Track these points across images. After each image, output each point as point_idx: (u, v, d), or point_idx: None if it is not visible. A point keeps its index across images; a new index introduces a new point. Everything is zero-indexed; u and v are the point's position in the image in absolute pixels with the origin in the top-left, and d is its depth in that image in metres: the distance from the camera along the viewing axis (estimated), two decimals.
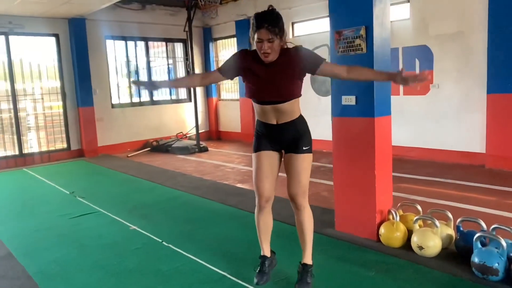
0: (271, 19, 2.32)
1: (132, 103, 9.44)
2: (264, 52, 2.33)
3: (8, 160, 7.75)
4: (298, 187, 2.59)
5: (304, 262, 2.71)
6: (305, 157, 2.60)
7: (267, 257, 2.75)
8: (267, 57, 2.36)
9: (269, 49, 2.32)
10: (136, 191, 5.63)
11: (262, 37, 2.30)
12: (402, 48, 6.83)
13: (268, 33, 2.29)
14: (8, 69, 7.67)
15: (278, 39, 2.34)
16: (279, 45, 2.37)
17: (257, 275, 2.70)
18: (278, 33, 2.33)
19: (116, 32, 8.91)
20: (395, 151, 7.03)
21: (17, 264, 3.30)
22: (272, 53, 2.35)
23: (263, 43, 2.31)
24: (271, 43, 2.31)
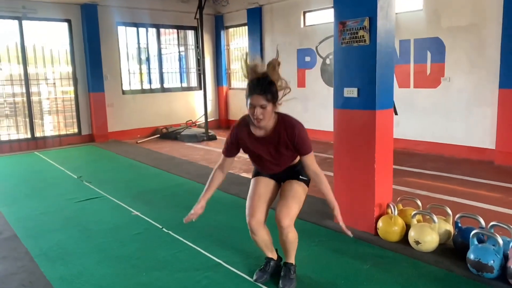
0: (264, 86, 2.32)
1: (142, 90, 9.51)
2: (257, 117, 2.35)
3: (21, 143, 7.91)
4: (285, 210, 2.51)
5: (286, 261, 2.72)
6: (300, 184, 2.62)
7: (273, 259, 2.79)
8: (259, 123, 2.37)
9: (261, 115, 2.33)
10: (142, 177, 5.70)
11: (254, 103, 2.32)
12: (413, 39, 6.71)
13: (260, 99, 2.30)
14: (21, 54, 7.78)
15: (271, 105, 2.34)
16: (272, 111, 2.38)
17: (258, 272, 2.76)
18: (271, 99, 2.33)
19: (127, 18, 8.94)
20: (403, 144, 7.02)
21: (20, 246, 3.40)
22: (265, 119, 2.36)
23: (255, 108, 2.33)
24: (263, 109, 2.32)
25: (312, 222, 3.74)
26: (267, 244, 2.71)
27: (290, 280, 2.65)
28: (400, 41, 6.88)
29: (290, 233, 2.54)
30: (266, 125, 2.42)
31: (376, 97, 3.23)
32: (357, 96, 3.34)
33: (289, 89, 2.46)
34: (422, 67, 6.66)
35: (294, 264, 2.71)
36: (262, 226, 2.60)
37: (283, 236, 2.56)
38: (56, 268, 2.99)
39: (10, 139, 7.82)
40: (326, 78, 8.05)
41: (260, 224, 2.58)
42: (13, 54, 7.75)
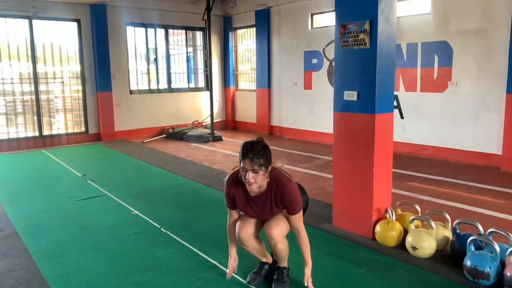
0: (257, 151, 2.31)
1: (150, 90, 9.57)
2: (248, 181, 2.34)
3: (28, 141, 8.01)
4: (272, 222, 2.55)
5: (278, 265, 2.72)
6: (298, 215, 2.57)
7: (269, 263, 2.80)
8: (251, 186, 2.37)
9: (253, 179, 2.32)
10: (145, 176, 5.74)
11: (246, 167, 2.32)
12: (421, 43, 6.65)
13: (252, 164, 2.30)
14: (31, 52, 7.89)
15: (263, 170, 2.34)
16: (264, 176, 2.38)
17: (251, 274, 2.77)
18: (263, 164, 2.32)
19: (136, 18, 9.02)
20: (409, 149, 6.96)
21: (20, 243, 3.44)
22: (256, 183, 2.35)
23: (247, 172, 2.32)
24: (255, 174, 2.32)
25: (309, 225, 3.71)
26: (259, 251, 2.73)
27: (283, 284, 2.65)
28: (407, 45, 6.83)
29: (279, 243, 2.55)
30: (260, 186, 2.41)
31: (376, 101, 3.21)
32: (356, 100, 3.32)
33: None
34: (429, 71, 6.60)
35: (287, 267, 2.72)
36: (252, 237, 2.63)
37: (272, 245, 2.58)
38: (53, 266, 3.02)
39: (18, 137, 7.93)
40: (333, 81, 8.01)
41: (250, 236, 2.61)
42: (22, 53, 7.86)
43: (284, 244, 2.60)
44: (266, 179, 2.41)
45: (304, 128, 8.80)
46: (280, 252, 2.61)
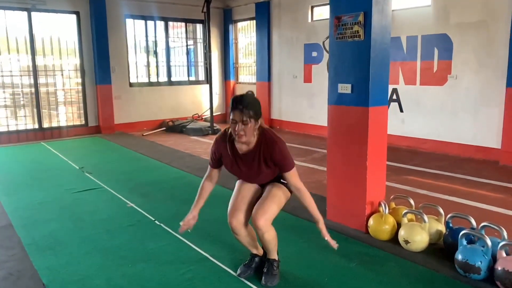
0: (247, 102, 2.32)
1: (150, 83, 9.56)
2: (238, 133, 2.33)
3: (28, 133, 8.03)
4: (260, 209, 2.50)
5: (268, 257, 2.70)
6: (281, 186, 2.58)
7: (259, 255, 2.79)
8: (240, 138, 2.36)
9: (242, 131, 2.31)
10: (142, 169, 5.74)
11: (235, 118, 2.31)
12: (421, 36, 6.59)
13: (242, 114, 2.29)
14: (30, 45, 7.88)
15: (253, 122, 2.32)
16: (253, 128, 2.36)
17: (242, 267, 2.76)
18: (253, 116, 2.31)
19: (136, 11, 8.98)
20: (408, 142, 6.93)
21: (14, 235, 3.45)
22: (246, 135, 2.34)
23: (237, 124, 2.31)
24: (244, 125, 2.30)
25: (304, 219, 3.71)
26: (250, 242, 2.72)
27: (273, 276, 2.64)
28: (407, 37, 6.77)
29: (266, 233, 2.51)
30: (248, 141, 2.40)
31: (370, 94, 3.18)
32: (351, 92, 3.29)
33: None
34: (429, 64, 6.54)
35: (277, 260, 2.70)
36: (243, 226, 2.61)
37: (259, 236, 2.56)
38: (45, 257, 3.03)
39: (18, 129, 7.95)
40: None
41: (241, 225, 2.59)
42: (22, 46, 7.85)
43: (271, 233, 2.56)
44: (255, 135, 2.40)
45: (303, 121, 8.77)
46: (268, 243, 2.59)
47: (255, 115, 2.32)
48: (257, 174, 2.51)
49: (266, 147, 2.41)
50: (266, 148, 2.41)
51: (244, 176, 2.59)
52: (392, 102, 7.14)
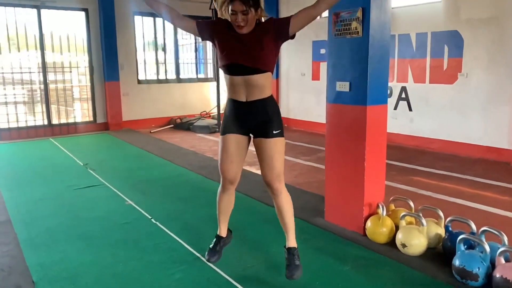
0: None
1: (158, 80, 9.57)
2: (238, 24, 2.29)
3: (37, 129, 8.12)
4: (272, 173, 2.50)
5: (289, 246, 2.62)
6: (276, 141, 2.49)
7: (223, 237, 2.76)
8: (241, 29, 2.32)
9: (243, 22, 2.27)
10: (145, 166, 5.74)
11: (235, 9, 2.25)
12: (431, 33, 6.43)
13: (242, 4, 2.24)
14: (39, 42, 7.95)
15: (253, 11, 2.28)
16: (254, 18, 2.31)
17: (209, 252, 2.72)
18: (253, 5, 2.27)
19: (144, 8, 8.95)
20: (416, 142, 6.78)
21: (11, 231, 3.46)
22: (247, 25, 2.31)
23: (237, 15, 2.26)
24: (245, 15, 2.26)
25: (301, 219, 3.64)
26: (228, 209, 2.72)
27: (296, 267, 2.54)
28: (416, 34, 6.62)
29: (283, 193, 2.53)
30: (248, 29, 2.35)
31: (368, 92, 3.09)
32: (349, 90, 3.21)
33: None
34: (439, 62, 6.38)
35: (296, 247, 2.61)
36: (234, 186, 2.64)
37: (278, 199, 2.54)
38: (38, 254, 3.03)
39: (27, 125, 8.04)
40: None
41: (234, 185, 2.63)
42: (31, 42, 7.93)
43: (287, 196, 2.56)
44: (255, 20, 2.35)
45: (311, 119, 8.67)
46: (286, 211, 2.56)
47: (254, 4, 2.28)
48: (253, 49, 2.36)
49: (264, 23, 2.39)
50: (264, 24, 2.39)
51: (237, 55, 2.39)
52: (401, 100, 7.00)
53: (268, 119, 2.48)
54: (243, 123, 2.53)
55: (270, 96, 2.51)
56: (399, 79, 6.98)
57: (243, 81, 2.41)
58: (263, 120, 2.48)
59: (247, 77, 2.39)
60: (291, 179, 5.10)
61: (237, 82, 2.43)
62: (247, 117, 2.50)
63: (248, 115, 2.50)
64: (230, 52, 2.39)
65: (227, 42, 2.40)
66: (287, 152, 6.58)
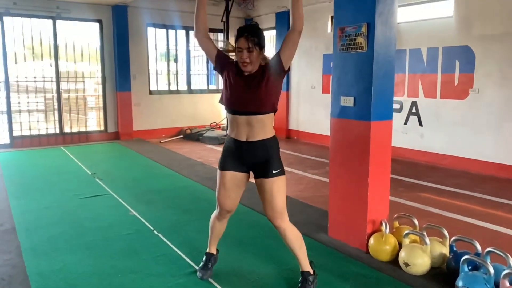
0: (252, 30, 2.38)
1: (169, 91, 9.66)
2: (243, 61, 2.36)
3: (49, 137, 8.25)
4: (273, 211, 2.52)
5: (302, 270, 2.65)
6: (276, 180, 2.50)
7: (213, 255, 2.86)
8: (245, 67, 2.38)
9: (248, 59, 2.34)
10: (152, 177, 5.76)
11: (241, 46, 2.35)
12: (442, 48, 6.37)
13: (247, 42, 2.33)
14: (54, 52, 8.12)
15: (257, 50, 2.36)
16: (258, 57, 2.39)
17: (201, 270, 2.82)
18: (258, 43, 2.36)
19: (157, 20, 9.12)
20: (427, 158, 6.69)
21: (14, 239, 3.49)
22: (251, 64, 2.37)
23: (242, 52, 2.35)
24: (250, 53, 2.34)
25: (304, 234, 3.58)
26: (220, 233, 2.82)
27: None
28: (428, 49, 6.57)
29: (287, 229, 2.54)
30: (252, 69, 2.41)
31: (372, 108, 3.06)
32: (353, 106, 3.18)
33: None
34: (450, 77, 6.31)
35: (311, 273, 2.63)
36: (230, 215, 2.71)
37: (283, 236, 2.57)
38: (39, 263, 3.04)
39: (39, 134, 8.17)
40: None
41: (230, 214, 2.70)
42: (45, 52, 8.10)
43: (293, 231, 2.56)
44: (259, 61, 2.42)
45: (321, 132, 8.62)
46: (292, 242, 2.56)
47: (259, 43, 2.36)
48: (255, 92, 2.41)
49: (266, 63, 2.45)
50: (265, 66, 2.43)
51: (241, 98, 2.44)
52: (412, 115, 6.93)
53: (268, 158, 2.51)
54: (242, 161, 2.55)
55: (272, 136, 2.55)
56: (410, 94, 6.92)
57: (246, 121, 2.46)
58: (263, 160, 2.51)
59: (250, 117, 2.44)
60: (296, 192, 5.07)
61: (240, 121, 2.48)
62: (247, 157, 2.53)
63: (247, 155, 2.52)
64: (235, 97, 2.46)
65: (234, 85, 2.46)
66: (295, 165, 6.59)
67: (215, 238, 2.83)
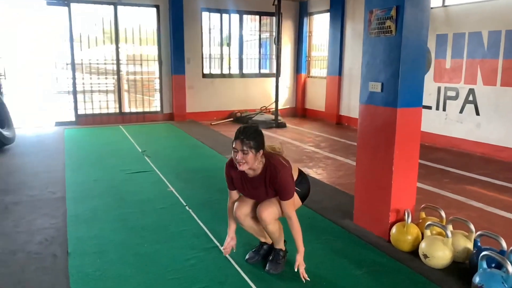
0: (249, 133, 2.42)
1: (222, 74, 9.88)
2: (238, 162, 2.43)
3: (110, 116, 8.85)
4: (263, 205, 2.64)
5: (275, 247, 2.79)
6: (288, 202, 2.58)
7: (268, 244, 2.89)
8: (241, 166, 2.45)
9: (243, 160, 2.41)
10: (195, 156, 6.01)
11: (236, 148, 2.43)
12: (505, 31, 5.89)
13: (242, 144, 2.40)
14: (115, 36, 8.63)
15: (253, 153, 2.42)
16: (254, 159, 2.45)
17: (250, 253, 2.89)
18: (253, 146, 2.41)
19: (212, 4, 9.31)
20: (482, 149, 6.29)
21: (63, 206, 3.87)
22: (247, 164, 2.44)
23: (237, 153, 2.42)
24: (244, 155, 2.41)
25: (329, 219, 3.61)
26: (257, 231, 2.83)
27: (277, 265, 2.72)
28: (489, 32, 6.10)
29: (269, 225, 2.62)
30: (254, 169, 2.50)
31: (399, 94, 2.96)
32: (380, 91, 3.10)
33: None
34: None
35: (284, 250, 2.78)
36: (248, 217, 2.74)
37: (263, 227, 2.67)
38: (79, 229, 3.36)
39: (101, 112, 8.79)
40: None
41: (245, 216, 2.73)
42: (107, 37, 8.63)
43: (275, 226, 2.65)
44: (260, 162, 2.50)
45: None
46: (272, 234, 2.69)
47: (255, 146, 2.42)
48: (265, 197, 2.61)
49: (270, 174, 2.51)
50: (270, 175, 2.51)
51: (253, 197, 2.69)
52: (468, 103, 6.52)
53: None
54: None
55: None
56: (467, 81, 6.50)
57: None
58: None
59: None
60: (333, 179, 5.04)
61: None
62: None
63: None
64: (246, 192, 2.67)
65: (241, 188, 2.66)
66: (339, 151, 6.53)
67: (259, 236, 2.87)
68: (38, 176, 4.84)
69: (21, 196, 4.17)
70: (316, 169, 5.51)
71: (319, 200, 4.13)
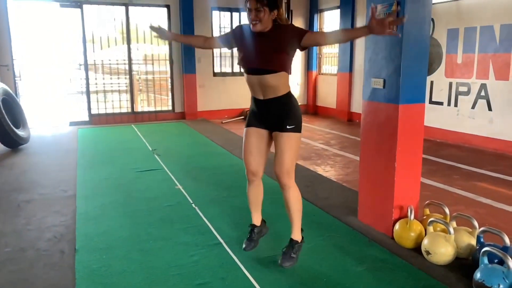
0: None
1: (233, 73, 9.92)
2: (252, 20, 2.45)
3: (122, 116, 8.98)
4: (281, 167, 2.63)
5: (291, 237, 2.77)
6: (289, 135, 2.60)
7: (256, 226, 2.95)
8: (255, 26, 2.46)
9: (257, 18, 2.42)
10: (205, 154, 6.07)
11: (250, 6, 2.43)
12: None
13: (256, 2, 2.40)
14: (126, 36, 8.75)
15: (267, 10, 2.42)
16: (268, 17, 2.45)
17: (246, 242, 2.92)
18: (267, 4, 2.41)
19: (222, 3, 9.35)
20: (495, 145, 6.19)
21: (73, 204, 3.97)
22: (261, 23, 2.45)
23: (251, 12, 2.43)
24: (258, 12, 2.41)
25: (333, 216, 3.62)
26: (257, 200, 2.91)
27: (290, 259, 2.70)
28: (501, 26, 6.00)
29: (291, 188, 2.64)
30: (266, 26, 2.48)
31: (401, 90, 2.95)
32: (383, 88, 3.09)
33: None
34: None
35: (299, 243, 2.75)
36: (258, 178, 2.81)
37: (285, 193, 2.67)
38: (87, 226, 3.44)
39: (113, 112, 8.93)
40: None
41: (257, 177, 2.80)
42: (119, 36, 8.76)
43: (295, 192, 2.66)
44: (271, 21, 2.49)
45: None
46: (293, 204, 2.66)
47: (269, 3, 2.41)
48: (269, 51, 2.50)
49: (280, 29, 2.50)
50: (281, 29, 2.49)
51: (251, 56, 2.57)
52: (480, 99, 6.42)
53: (284, 114, 2.61)
54: (262, 118, 2.70)
55: (286, 93, 2.63)
56: (479, 76, 6.39)
57: (258, 80, 2.57)
58: (279, 115, 2.62)
59: (261, 76, 2.54)
60: (341, 176, 5.04)
61: (253, 81, 2.61)
62: (265, 113, 2.67)
63: (265, 111, 2.66)
64: (245, 55, 2.60)
65: (243, 46, 2.61)
66: (348, 148, 6.50)
67: (253, 206, 2.91)
68: (50, 175, 4.97)
69: (33, 194, 4.29)
70: (324, 166, 5.51)
71: (325, 197, 4.14)
